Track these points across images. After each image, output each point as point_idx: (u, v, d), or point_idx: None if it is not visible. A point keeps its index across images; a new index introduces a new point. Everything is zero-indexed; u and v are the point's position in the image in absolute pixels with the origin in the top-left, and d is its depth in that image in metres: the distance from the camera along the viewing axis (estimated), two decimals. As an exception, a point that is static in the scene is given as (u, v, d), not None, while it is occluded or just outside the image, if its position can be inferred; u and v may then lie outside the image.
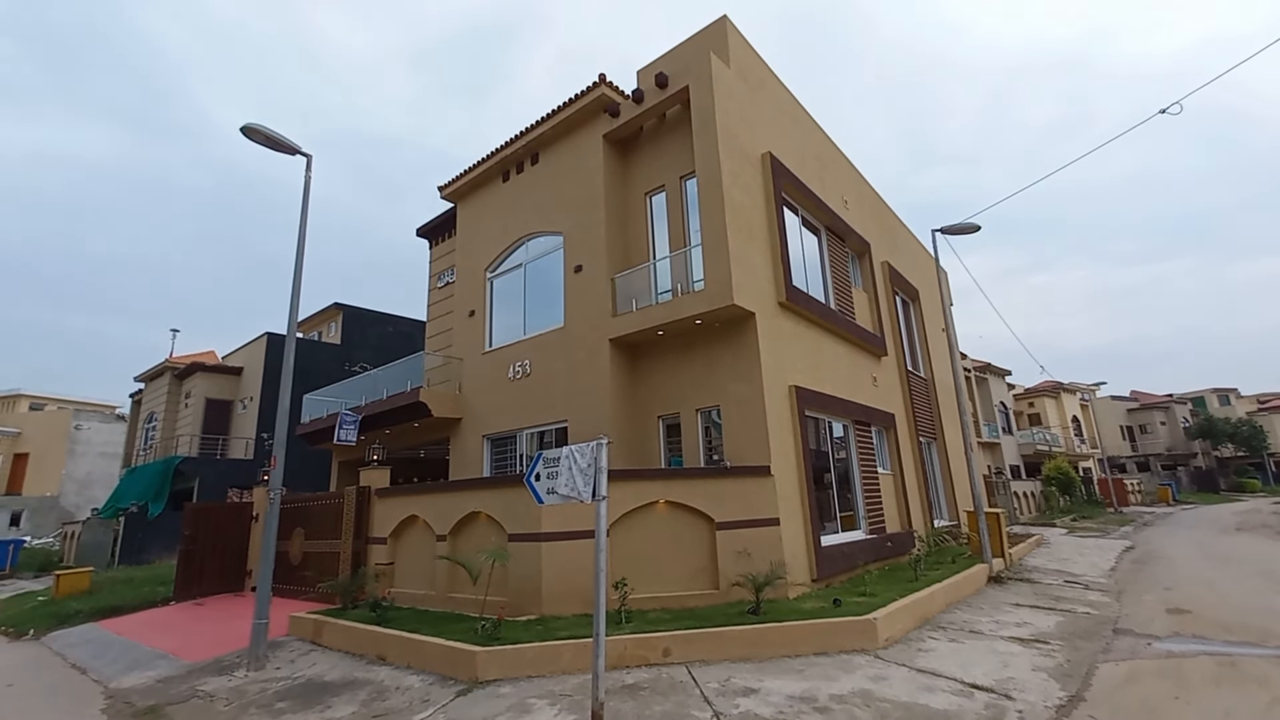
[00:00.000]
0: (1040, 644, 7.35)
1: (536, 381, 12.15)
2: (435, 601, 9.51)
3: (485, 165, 14.06)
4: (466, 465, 13.25)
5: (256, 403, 26.20)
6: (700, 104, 10.32)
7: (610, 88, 11.75)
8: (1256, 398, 63.72)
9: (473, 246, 14.55)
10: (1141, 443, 56.94)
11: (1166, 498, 39.56)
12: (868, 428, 12.90)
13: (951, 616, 8.77)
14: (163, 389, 28.86)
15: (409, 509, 10.67)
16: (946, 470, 17.08)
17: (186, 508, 14.72)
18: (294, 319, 8.67)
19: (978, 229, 13.43)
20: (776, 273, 10.56)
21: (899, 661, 6.64)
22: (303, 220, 9.06)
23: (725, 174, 9.87)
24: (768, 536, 8.79)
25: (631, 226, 11.79)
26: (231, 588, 14.28)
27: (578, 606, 8.14)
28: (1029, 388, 48.26)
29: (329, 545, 12.23)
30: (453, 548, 9.57)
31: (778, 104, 12.47)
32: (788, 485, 9.38)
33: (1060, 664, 6.60)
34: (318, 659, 8.04)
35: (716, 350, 10.10)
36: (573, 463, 6.14)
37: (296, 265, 8.83)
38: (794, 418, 10.00)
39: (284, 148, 9.18)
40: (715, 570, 8.61)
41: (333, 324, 30.08)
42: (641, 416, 10.85)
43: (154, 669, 8.55)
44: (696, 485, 8.91)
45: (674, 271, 10.70)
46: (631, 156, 12.14)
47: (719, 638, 6.84)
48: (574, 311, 11.74)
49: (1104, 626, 8.22)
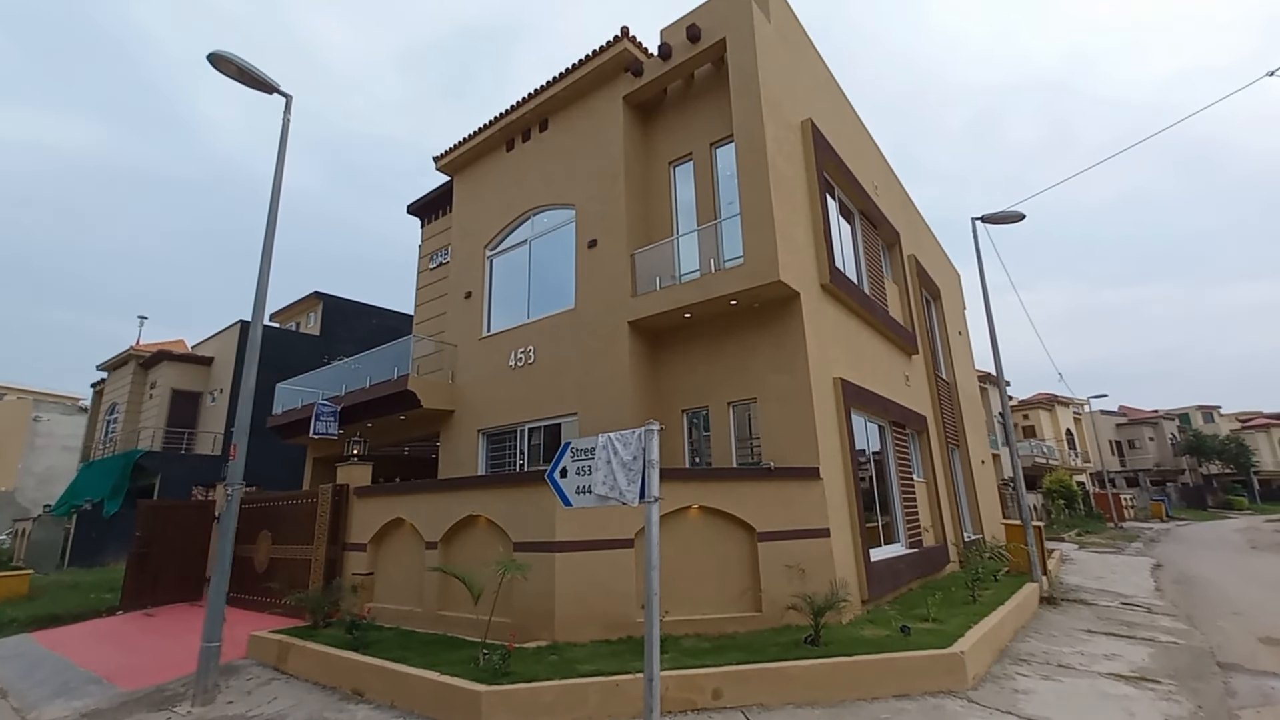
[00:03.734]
0: (1151, 684, 6.23)
1: (542, 370, 10.82)
2: (423, 621, 8.12)
3: (487, 133, 12.75)
4: (458, 463, 11.85)
5: (227, 395, 24.45)
6: (740, 61, 9.14)
7: (633, 43, 10.54)
8: (1237, 416, 64.08)
9: (471, 222, 13.19)
10: (1130, 458, 56.80)
11: (1160, 513, 39.21)
12: (904, 430, 11.76)
13: (1027, 646, 7.61)
14: (126, 378, 26.94)
15: (394, 511, 9.28)
16: (970, 480, 16.01)
17: (141, 506, 13.13)
18: (265, 269, 7.31)
19: (1022, 218, 12.42)
20: (819, 252, 9.39)
21: (1002, 708, 5.43)
22: (279, 166, 7.71)
23: (769, 139, 8.68)
24: (817, 550, 7.55)
25: (653, 199, 10.55)
26: (189, 596, 12.70)
27: (597, 631, 6.83)
28: (1023, 400, 47.80)
29: (300, 551, 10.76)
30: (445, 557, 8.19)
31: (814, 74, 11.35)
32: (835, 491, 8.16)
33: (1193, 712, 5.48)
34: (280, 691, 6.63)
35: (753, 336, 8.88)
36: (612, 454, 4.88)
37: (270, 213, 7.50)
38: (839, 415, 8.80)
39: (259, 83, 7.83)
40: (758, 589, 7.35)
41: (312, 314, 28.40)
42: (663, 410, 9.58)
43: (83, 697, 7.16)
44: (735, 489, 7.65)
45: (702, 248, 9.47)
46: (653, 122, 10.92)
47: (779, 676, 5.58)
48: (587, 292, 10.46)
49: (1205, 661, 7.19)
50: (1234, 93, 12.52)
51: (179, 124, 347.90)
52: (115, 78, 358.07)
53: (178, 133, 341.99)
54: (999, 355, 12.22)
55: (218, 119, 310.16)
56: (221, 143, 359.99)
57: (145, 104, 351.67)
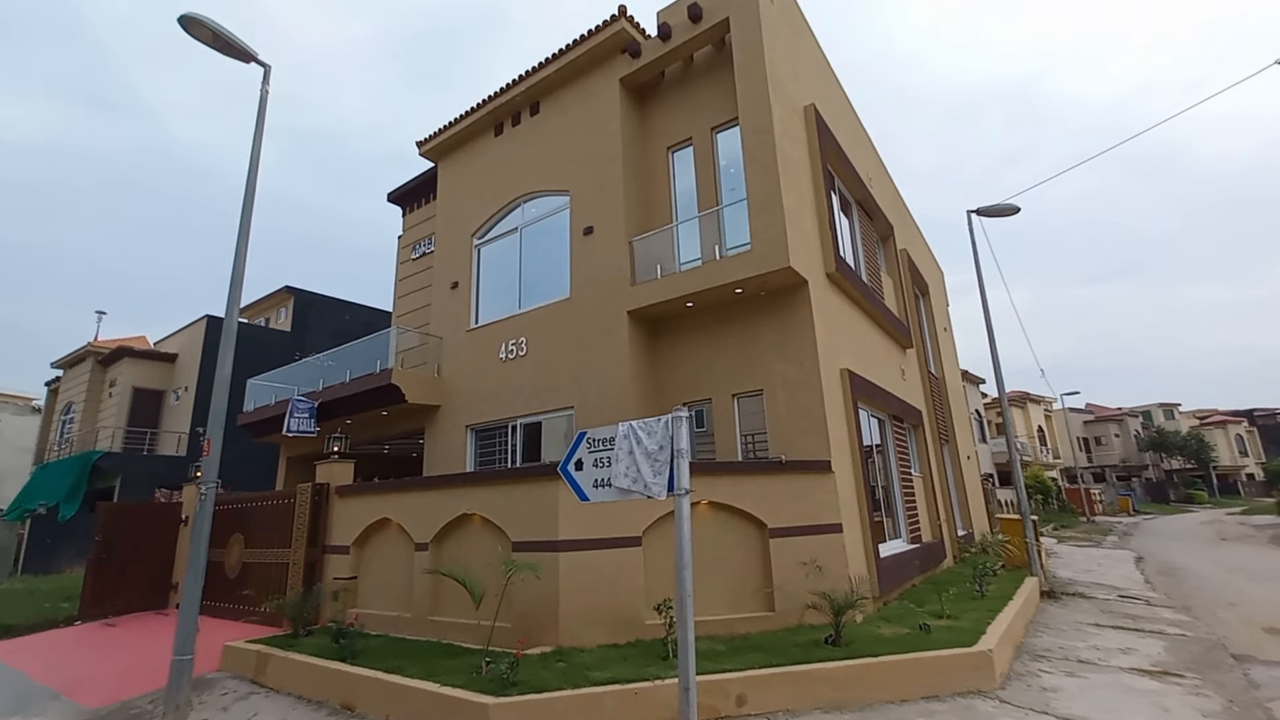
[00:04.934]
0: (1174, 677, 6.11)
1: (534, 362, 10.37)
2: (413, 626, 7.63)
3: (474, 117, 12.23)
4: (445, 461, 11.32)
5: (193, 393, 23.35)
6: (745, 39, 8.83)
7: (630, 23, 10.16)
8: (1195, 413, 66.26)
9: (457, 210, 12.65)
10: (1097, 454, 58.24)
11: (1127, 508, 40.23)
12: (902, 424, 11.61)
13: (1040, 642, 7.46)
14: (84, 376, 25.59)
15: (379, 510, 8.75)
16: (959, 476, 16.01)
17: (101, 508, 12.32)
18: (243, 248, 6.76)
19: (1017, 210, 12.40)
20: (824, 239, 9.13)
21: (1034, 708, 5.20)
22: (256, 139, 7.16)
23: (776, 120, 8.39)
24: (830, 546, 7.27)
25: (650, 185, 10.18)
26: (153, 604, 11.96)
27: (603, 635, 6.44)
28: (996, 397, 48.62)
29: (275, 555, 10.16)
30: (437, 559, 7.72)
31: (814, 59, 11.10)
32: (845, 485, 7.89)
33: (1225, 706, 5.34)
34: (260, 707, 6.11)
35: (759, 325, 8.58)
36: (634, 444, 4.51)
37: (248, 187, 6.95)
38: (847, 407, 8.55)
39: (235, 50, 7.27)
40: (770, 587, 7.04)
41: (283, 309, 27.37)
42: (663, 402, 9.22)
43: (41, 715, 6.66)
44: (745, 483, 7.33)
45: (705, 235, 9.14)
46: (650, 106, 10.55)
47: (804, 679, 5.27)
48: (582, 281, 10.04)
49: (1218, 653, 7.13)
50: (1214, 94, 12.45)
51: (135, 110, 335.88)
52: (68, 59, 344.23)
53: (134, 119, 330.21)
54: (996, 350, 12.16)
55: (177, 105, 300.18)
56: (182, 131, 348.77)
57: (99, 87, 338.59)
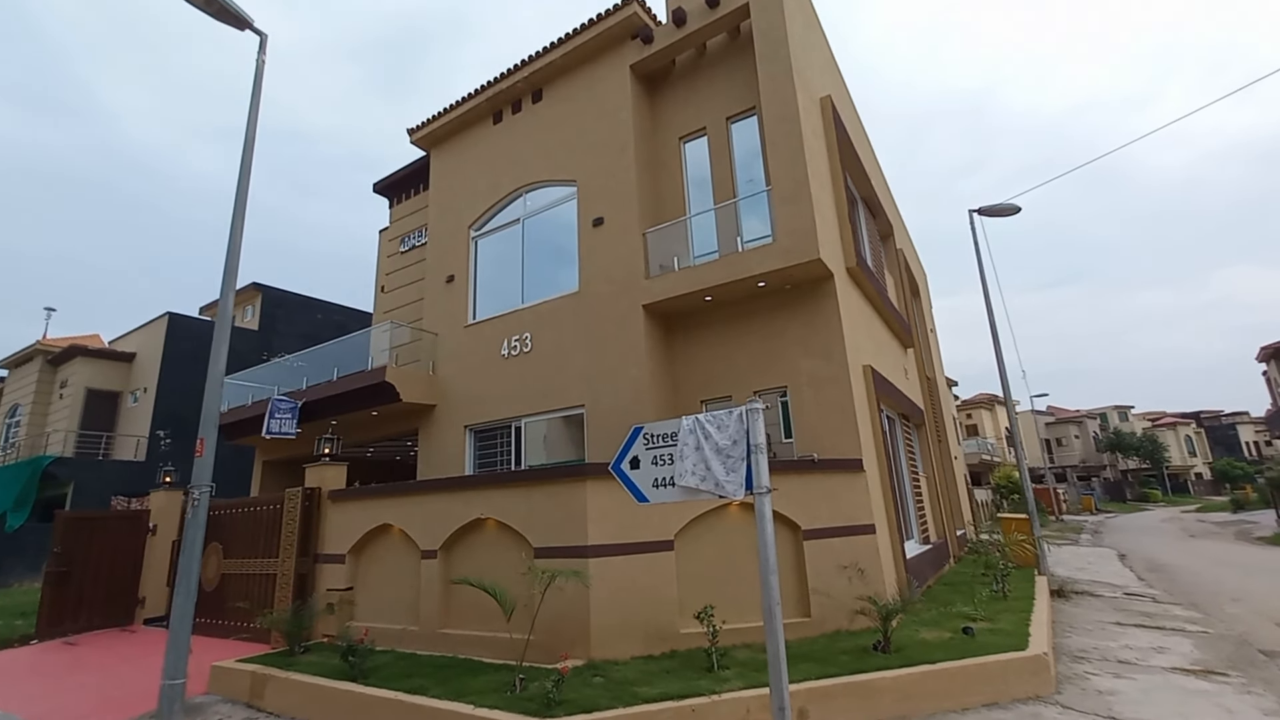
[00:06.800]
0: (1220, 676, 6.01)
1: (540, 359, 9.90)
2: (421, 641, 7.09)
3: (471, 103, 11.70)
4: (442, 463, 10.74)
5: (152, 395, 22.07)
6: (767, 25, 8.58)
7: (642, 7, 9.81)
8: (1146, 415, 69.02)
9: (452, 200, 12.09)
10: (1058, 455, 60.04)
11: (1090, 506, 41.52)
12: (909, 423, 11.51)
13: (1072, 642, 7.33)
14: (31, 376, 23.95)
15: (380, 516, 8.17)
16: (953, 475, 16.04)
17: (59, 517, 11.35)
18: (238, 228, 6.18)
19: (1018, 210, 12.46)
20: (845, 233, 8.92)
21: (1099, 713, 5.00)
22: (252, 113, 6.58)
23: (800, 109, 8.14)
24: (864, 547, 7.01)
25: (662, 175, 9.84)
26: (117, 621, 11.07)
27: (637, 646, 6.04)
28: (966, 399, 49.75)
29: (259, 566, 9.45)
30: (446, 566, 7.21)
31: (823, 52, 10.94)
32: (874, 485, 7.66)
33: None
34: (263, 735, 5.53)
35: (782, 320, 8.30)
36: (702, 439, 4.16)
37: (243, 164, 6.37)
38: (871, 404, 8.33)
39: (230, 16, 6.69)
40: (805, 591, 6.74)
41: (250, 307, 26.10)
42: (681, 400, 8.87)
43: None
44: (776, 483, 6.97)
45: (723, 227, 8.84)
46: (661, 95, 10.22)
47: (867, 689, 4.97)
48: (592, 274, 9.63)
49: (1246, 649, 7.11)
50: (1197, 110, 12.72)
51: (82, 109, 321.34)
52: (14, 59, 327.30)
53: (81, 118, 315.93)
54: (1000, 349, 12.16)
55: (126, 106, 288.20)
56: (134, 132, 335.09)
57: (46, 87, 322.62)
